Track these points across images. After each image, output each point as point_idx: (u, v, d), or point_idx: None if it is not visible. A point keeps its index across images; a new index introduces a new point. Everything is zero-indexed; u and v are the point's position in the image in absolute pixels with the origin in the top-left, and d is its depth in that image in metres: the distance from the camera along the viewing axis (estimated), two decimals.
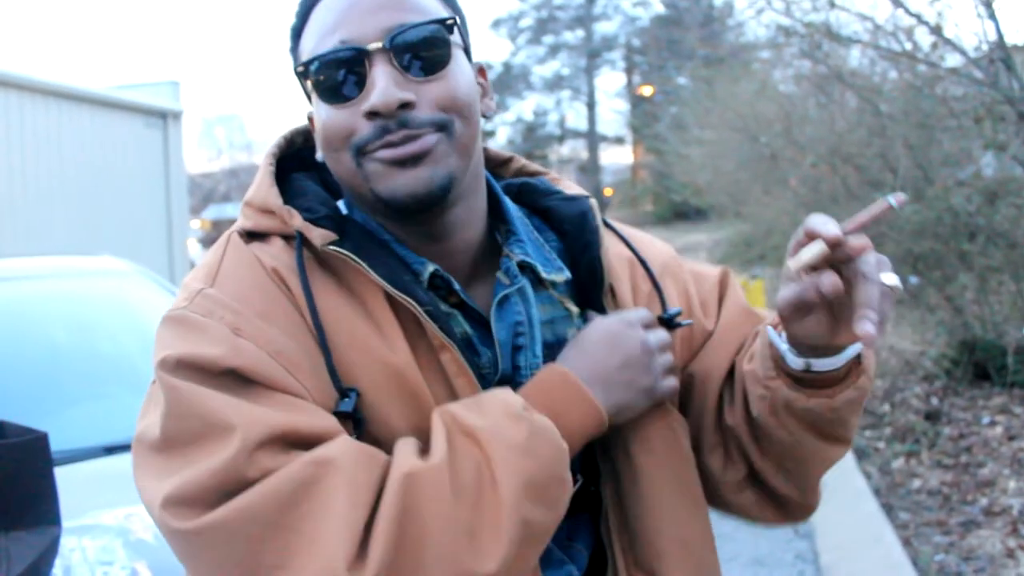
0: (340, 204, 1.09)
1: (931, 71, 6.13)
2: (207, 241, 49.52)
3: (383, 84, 0.96)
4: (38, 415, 2.56)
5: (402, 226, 1.04)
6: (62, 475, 1.61)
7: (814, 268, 0.92)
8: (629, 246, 1.21)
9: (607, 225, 1.22)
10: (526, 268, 1.09)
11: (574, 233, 1.14)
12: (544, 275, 1.09)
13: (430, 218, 1.03)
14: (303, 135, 1.15)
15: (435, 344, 0.99)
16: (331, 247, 0.98)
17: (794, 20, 6.90)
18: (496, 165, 1.24)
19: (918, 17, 5.83)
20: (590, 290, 1.13)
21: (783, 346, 1.03)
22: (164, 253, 11.58)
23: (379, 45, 0.97)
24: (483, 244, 1.10)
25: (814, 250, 0.90)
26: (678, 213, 26.86)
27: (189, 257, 12.84)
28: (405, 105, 0.96)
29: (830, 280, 0.89)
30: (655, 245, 1.28)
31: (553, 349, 1.08)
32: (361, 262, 0.98)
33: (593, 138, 40.00)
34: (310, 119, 1.08)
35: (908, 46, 6.24)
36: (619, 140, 41.25)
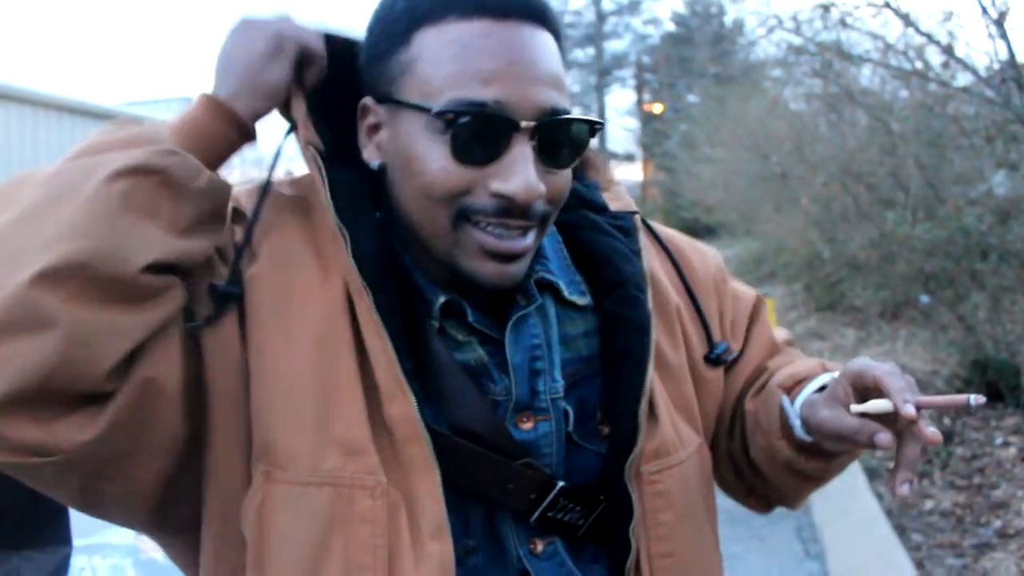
0: None
1: (942, 90, 6.13)
2: None
3: (528, 172, 0.92)
4: None
5: (442, 267, 1.01)
6: None
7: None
8: (680, 273, 1.18)
9: (653, 234, 1.18)
10: (549, 286, 1.05)
11: (612, 286, 1.08)
12: (566, 296, 1.06)
13: None
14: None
15: (352, 290, 0.96)
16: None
17: (805, 39, 6.92)
18: None
19: (929, 36, 5.83)
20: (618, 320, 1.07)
21: (796, 421, 1.05)
22: None
23: (531, 124, 0.93)
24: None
25: (881, 407, 0.92)
26: (688, 231, 26.58)
27: None
28: (537, 198, 0.95)
29: (888, 439, 0.91)
30: (705, 257, 1.24)
31: (576, 368, 1.05)
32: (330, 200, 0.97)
33: (603, 155, 40.04)
34: (364, 109, 1.02)
35: (919, 65, 6.24)
36: (629, 157, 41.27)
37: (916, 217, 6.73)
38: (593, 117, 1.00)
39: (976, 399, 0.88)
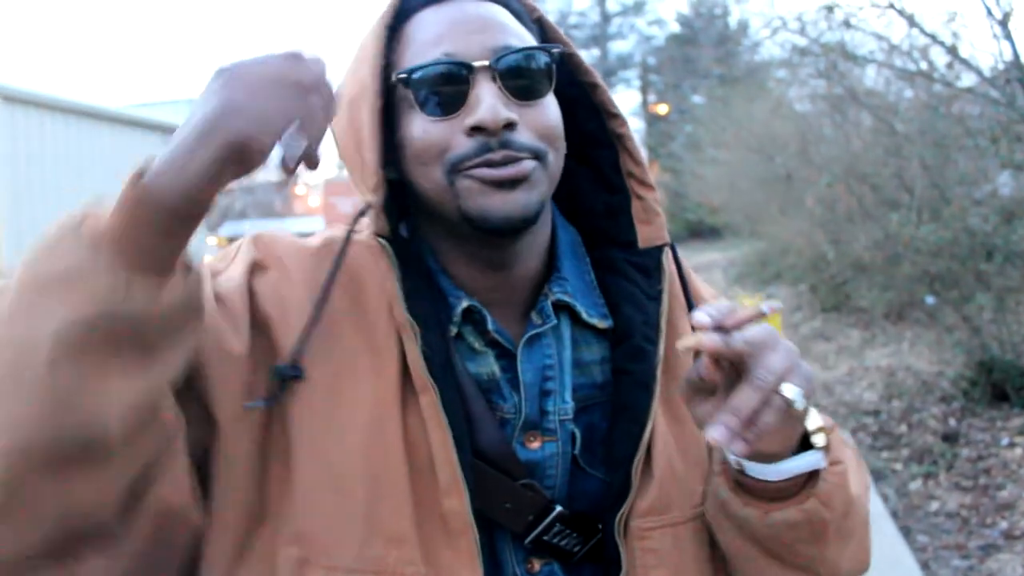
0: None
1: (947, 90, 6.13)
2: None
3: (491, 101, 0.94)
4: None
5: (465, 251, 1.02)
6: None
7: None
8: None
9: (680, 275, 1.11)
10: (566, 307, 1.04)
11: (630, 317, 1.05)
12: (584, 317, 1.04)
13: (505, 243, 1.00)
14: None
15: (417, 386, 0.95)
16: (382, 240, 0.98)
17: (809, 40, 6.92)
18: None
19: (933, 37, 5.83)
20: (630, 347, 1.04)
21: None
22: None
23: (485, 63, 0.96)
24: (539, 278, 1.06)
25: (688, 342, 0.84)
26: (693, 232, 26.78)
27: None
28: (509, 125, 0.95)
29: (704, 366, 0.84)
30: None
31: (588, 393, 1.04)
32: (394, 266, 0.97)
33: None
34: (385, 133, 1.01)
35: (924, 65, 6.25)
36: None
37: (921, 218, 6.72)
38: (550, 45, 1.01)
39: (769, 305, 0.84)
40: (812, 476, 0.93)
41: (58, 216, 0.82)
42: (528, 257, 1.04)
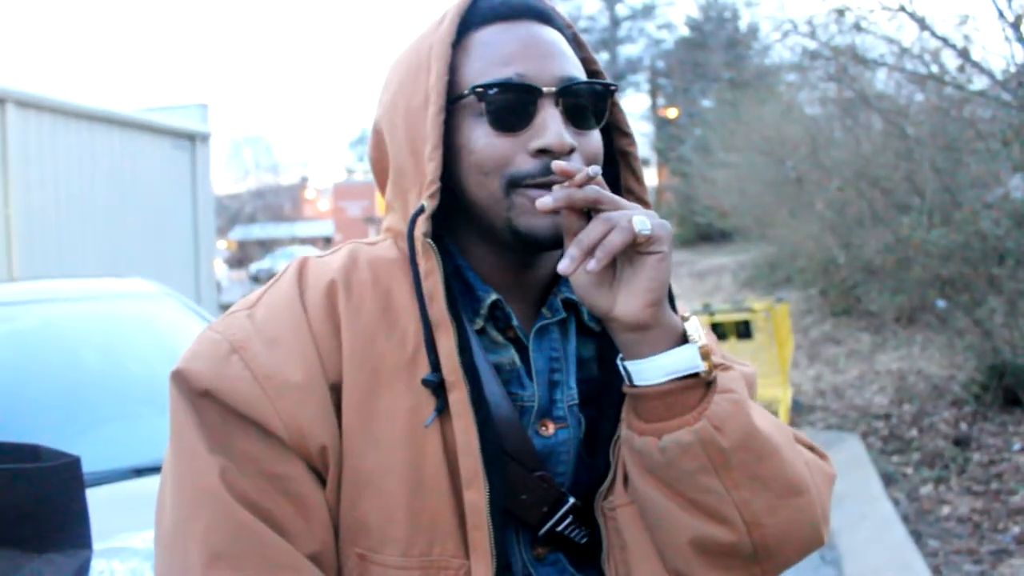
0: None
1: (958, 93, 6.11)
2: (232, 261, 49.87)
3: (558, 127, 1.01)
4: (67, 436, 2.58)
5: (494, 252, 1.08)
6: (91, 497, 1.63)
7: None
8: None
9: None
10: (573, 306, 1.11)
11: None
12: (585, 320, 1.12)
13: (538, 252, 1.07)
14: None
15: (449, 382, 0.99)
16: (429, 240, 1.02)
17: (820, 43, 6.91)
18: None
19: (944, 40, 5.82)
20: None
21: (622, 364, 1.01)
22: (191, 272, 11.66)
23: (552, 89, 1.03)
24: (549, 280, 1.13)
25: (545, 201, 0.97)
26: (703, 236, 26.73)
27: (215, 277, 12.96)
28: (570, 151, 1.02)
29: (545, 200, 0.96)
30: None
31: (587, 387, 1.10)
32: (438, 266, 1.01)
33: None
34: (447, 145, 1.06)
35: (935, 69, 6.22)
36: (644, 162, 41.06)
37: (932, 221, 6.70)
38: (609, 82, 1.08)
39: (592, 170, 0.95)
40: (704, 399, 0.97)
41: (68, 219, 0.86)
42: (548, 261, 1.11)
